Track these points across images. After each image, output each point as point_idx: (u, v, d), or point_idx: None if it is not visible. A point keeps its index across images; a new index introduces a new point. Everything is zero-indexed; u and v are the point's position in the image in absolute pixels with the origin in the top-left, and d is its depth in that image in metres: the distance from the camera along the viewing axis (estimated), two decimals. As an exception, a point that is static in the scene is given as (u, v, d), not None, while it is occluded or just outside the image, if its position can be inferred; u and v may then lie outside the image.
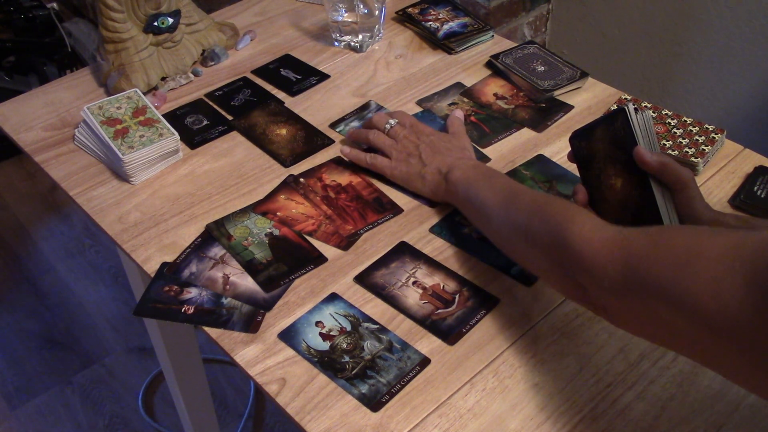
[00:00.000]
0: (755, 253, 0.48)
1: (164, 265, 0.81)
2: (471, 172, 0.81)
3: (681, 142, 0.91)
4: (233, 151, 0.97)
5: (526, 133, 0.98)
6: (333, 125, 1.00)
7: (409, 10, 1.19)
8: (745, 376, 0.52)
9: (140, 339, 1.88)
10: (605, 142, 0.78)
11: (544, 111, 1.01)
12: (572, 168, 0.89)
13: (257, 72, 1.10)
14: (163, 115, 0.96)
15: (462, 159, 0.85)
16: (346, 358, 0.71)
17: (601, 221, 0.64)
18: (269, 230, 0.85)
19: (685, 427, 0.66)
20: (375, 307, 0.76)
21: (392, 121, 0.91)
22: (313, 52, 1.14)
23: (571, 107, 1.02)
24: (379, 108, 1.02)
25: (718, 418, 0.67)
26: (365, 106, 1.03)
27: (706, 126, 0.93)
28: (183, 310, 0.77)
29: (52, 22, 2.45)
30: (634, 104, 0.97)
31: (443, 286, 0.78)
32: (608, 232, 0.61)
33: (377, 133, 0.91)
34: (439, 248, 0.83)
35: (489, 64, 1.10)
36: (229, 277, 0.80)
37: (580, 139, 0.81)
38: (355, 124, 1.00)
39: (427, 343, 0.73)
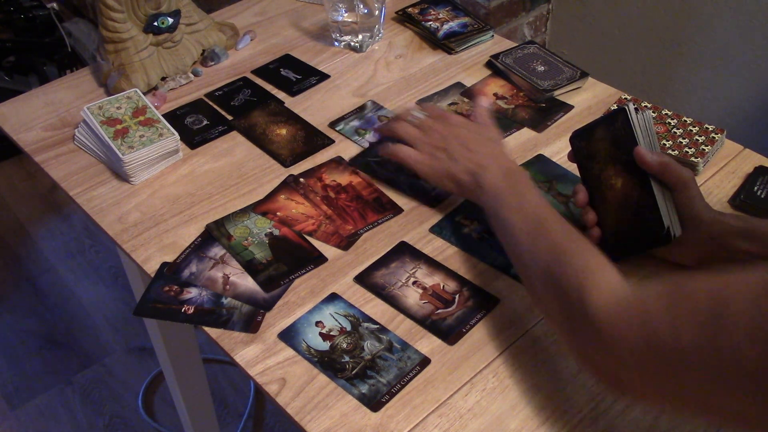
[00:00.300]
0: None
1: (164, 265, 0.81)
2: (502, 183, 0.76)
3: (681, 142, 0.91)
4: (233, 151, 0.97)
5: (526, 133, 0.98)
6: (332, 124, 1.00)
7: (409, 10, 1.19)
8: None
9: (140, 339, 1.88)
10: (606, 142, 0.78)
11: (544, 111, 1.01)
12: (572, 168, 0.89)
13: (257, 72, 1.10)
14: (163, 115, 0.96)
15: (493, 157, 0.80)
16: (346, 358, 0.71)
17: (618, 282, 0.61)
18: (269, 230, 0.85)
19: (685, 427, 0.66)
20: (375, 307, 0.76)
21: (419, 114, 0.87)
22: (313, 52, 1.14)
23: (571, 107, 1.02)
24: (378, 108, 1.02)
25: (718, 418, 0.66)
26: (364, 107, 1.03)
27: (706, 126, 0.93)
28: (183, 310, 0.77)
29: (52, 22, 2.45)
30: (634, 104, 0.97)
31: (443, 286, 0.78)
32: (624, 298, 0.58)
33: (403, 123, 0.87)
34: (439, 248, 0.83)
35: (489, 64, 1.10)
36: (229, 277, 0.80)
37: (580, 139, 0.81)
38: (355, 123, 1.00)
39: (427, 343, 0.73)
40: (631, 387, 0.58)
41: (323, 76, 1.09)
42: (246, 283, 0.79)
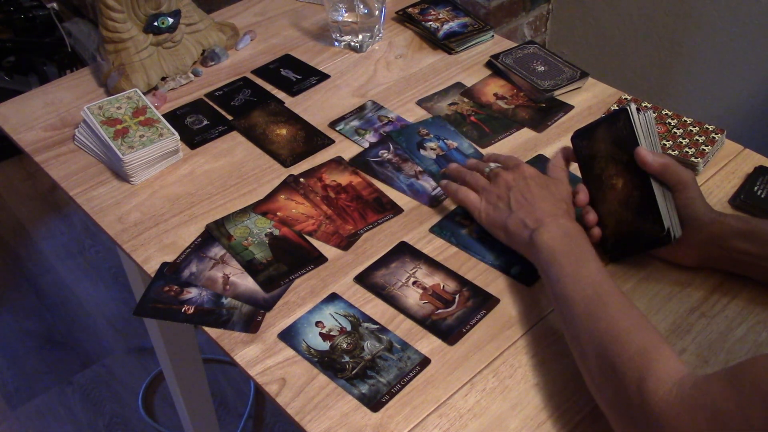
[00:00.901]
0: None
1: (164, 265, 0.81)
2: (558, 243, 0.72)
3: (681, 142, 0.91)
4: (233, 151, 0.97)
5: (526, 133, 0.98)
6: (333, 124, 1.00)
7: (409, 10, 1.19)
8: None
9: (140, 339, 1.88)
10: (607, 142, 0.78)
11: (544, 111, 1.01)
12: (573, 168, 0.89)
13: (257, 72, 1.10)
14: (163, 115, 0.96)
15: (554, 216, 0.75)
16: (346, 358, 0.71)
17: (678, 371, 0.58)
18: (269, 230, 0.85)
19: (686, 427, 0.66)
20: (375, 307, 0.76)
21: (494, 165, 0.84)
22: (313, 52, 1.14)
23: (571, 107, 1.02)
24: (378, 108, 1.02)
25: (719, 418, 0.66)
26: (364, 107, 1.03)
27: (706, 126, 0.93)
28: (183, 310, 0.77)
29: (52, 22, 2.45)
30: (635, 104, 0.97)
31: (443, 286, 0.78)
32: (687, 389, 0.55)
33: (474, 175, 0.84)
34: (439, 248, 0.83)
35: (489, 64, 1.10)
36: (229, 277, 0.80)
37: (581, 139, 0.81)
38: (355, 123, 1.00)
39: (427, 343, 0.73)
40: None
41: (323, 76, 1.09)
42: (246, 283, 0.79)
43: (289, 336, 0.74)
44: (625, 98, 1.01)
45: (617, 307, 0.65)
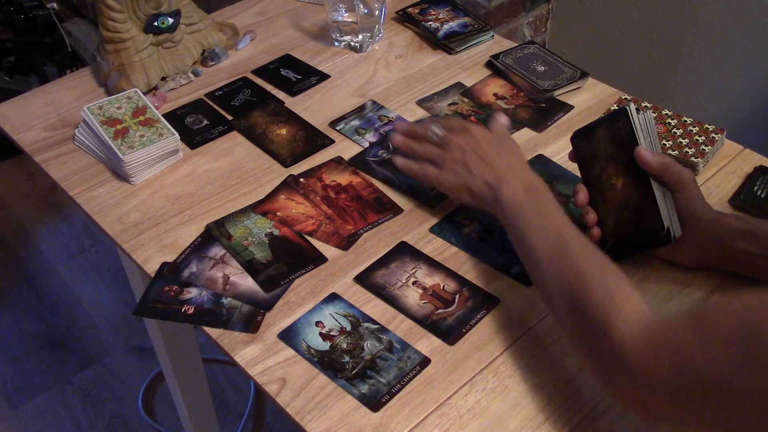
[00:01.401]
0: None
1: (164, 265, 0.81)
2: (521, 197, 0.74)
3: (681, 142, 0.91)
4: (233, 151, 0.97)
5: (526, 133, 0.98)
6: (333, 124, 1.00)
7: (409, 10, 1.19)
8: None
9: (140, 339, 1.88)
10: (607, 142, 0.78)
11: (544, 111, 1.01)
12: (573, 168, 0.89)
13: (257, 72, 1.10)
14: (163, 115, 0.96)
15: (513, 169, 0.78)
16: (346, 358, 0.71)
17: (643, 311, 0.60)
18: (269, 230, 0.85)
19: (685, 428, 0.66)
20: (375, 307, 0.76)
21: (438, 130, 0.84)
22: (313, 52, 1.14)
23: (571, 107, 1.02)
24: (378, 107, 1.02)
25: (719, 418, 0.66)
26: (364, 107, 1.03)
27: (706, 126, 0.93)
28: (183, 310, 0.77)
29: (52, 22, 2.45)
30: (635, 104, 0.97)
31: (443, 286, 0.78)
32: (652, 328, 0.57)
33: (424, 145, 0.85)
34: (439, 248, 0.83)
35: (489, 64, 1.10)
36: (229, 277, 0.80)
37: (581, 139, 0.81)
38: (356, 123, 1.00)
39: (427, 343, 0.73)
40: (663, 414, 0.58)
41: (323, 76, 1.09)
42: (246, 283, 0.79)
43: (289, 336, 0.74)
44: (625, 98, 1.01)
45: (581, 253, 0.67)
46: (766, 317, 0.49)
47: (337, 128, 0.99)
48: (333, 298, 0.77)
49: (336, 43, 1.15)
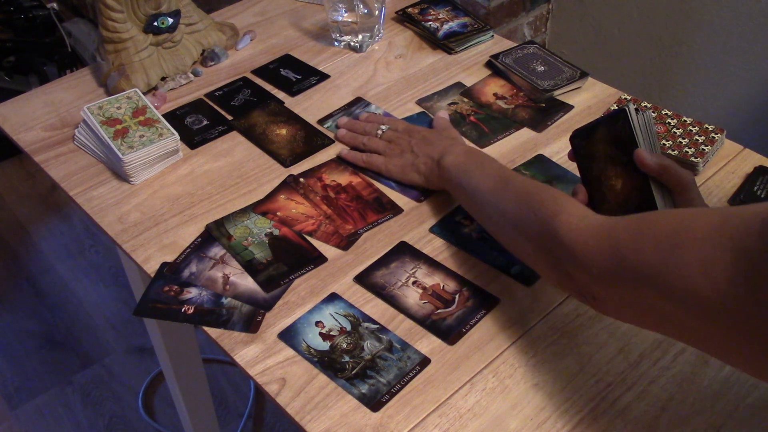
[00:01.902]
0: (742, 227, 0.48)
1: (164, 265, 0.81)
2: (463, 158, 0.82)
3: (681, 142, 0.91)
4: (233, 151, 0.97)
5: (525, 133, 0.98)
6: (321, 121, 1.00)
7: (409, 10, 1.19)
8: (740, 355, 0.52)
9: (140, 339, 1.88)
10: (606, 143, 0.78)
11: (543, 111, 1.01)
12: (572, 168, 0.89)
13: (257, 72, 1.10)
14: (163, 115, 0.96)
15: (453, 144, 0.86)
16: (346, 358, 0.71)
17: (588, 211, 0.65)
18: (269, 230, 0.85)
19: (685, 427, 0.66)
20: (375, 307, 0.76)
21: (383, 127, 0.93)
22: (313, 52, 1.14)
23: (571, 107, 1.02)
24: (365, 104, 1.02)
25: (718, 418, 0.67)
26: (352, 104, 1.03)
27: (706, 126, 0.93)
28: (183, 310, 0.77)
29: (52, 22, 2.45)
30: (634, 104, 0.97)
31: (443, 286, 0.78)
32: (595, 222, 0.62)
33: (371, 138, 0.93)
34: (439, 248, 0.83)
35: (489, 64, 1.10)
36: (229, 277, 0.80)
37: (580, 139, 0.81)
38: (342, 119, 1.00)
39: (427, 343, 0.73)
40: (607, 305, 0.62)
41: (323, 76, 1.09)
42: (246, 283, 0.79)
43: (289, 336, 0.74)
44: (625, 98, 1.01)
45: (523, 182, 0.74)
46: (694, 225, 0.52)
47: (325, 125, 1.00)
48: (333, 298, 0.77)
49: (336, 43, 1.15)
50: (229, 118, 1.02)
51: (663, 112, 0.96)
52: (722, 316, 0.49)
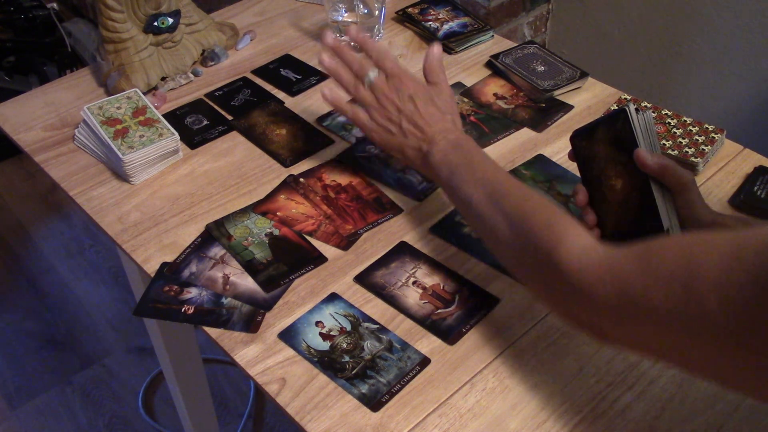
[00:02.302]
0: (759, 252, 0.47)
1: (164, 265, 0.81)
2: (452, 156, 0.77)
3: (681, 142, 0.91)
4: (233, 151, 0.97)
5: (525, 133, 0.98)
6: (320, 120, 1.00)
7: (409, 10, 1.19)
8: (747, 381, 0.51)
9: (140, 339, 1.88)
10: (606, 143, 0.78)
11: (544, 111, 1.01)
12: (572, 168, 0.89)
13: (257, 72, 1.10)
14: (163, 115, 0.96)
15: (443, 131, 0.80)
16: (346, 358, 0.71)
17: (589, 239, 0.62)
18: (269, 230, 0.85)
19: (685, 427, 0.66)
20: (375, 307, 0.76)
21: (372, 75, 0.85)
22: (313, 52, 1.14)
23: (571, 107, 1.02)
24: None
25: (718, 418, 0.67)
26: (352, 101, 1.03)
27: (706, 126, 0.93)
28: (183, 310, 0.77)
29: (52, 22, 2.45)
30: (634, 104, 0.97)
31: (443, 286, 0.78)
32: (598, 256, 0.59)
33: (358, 86, 0.85)
34: (439, 248, 0.83)
35: (489, 64, 1.10)
36: (229, 277, 0.80)
37: (581, 139, 0.81)
38: (342, 118, 1.00)
39: (427, 343, 0.73)
40: (611, 336, 0.60)
41: (323, 76, 1.09)
42: (246, 283, 0.79)
43: (289, 336, 0.74)
44: (625, 98, 1.01)
45: (518, 193, 0.70)
46: (705, 254, 0.50)
47: (324, 124, 1.00)
48: (333, 298, 0.77)
49: (336, 43, 1.15)
50: (229, 118, 1.02)
51: (663, 112, 0.96)
52: (735, 341, 0.48)
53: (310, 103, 1.04)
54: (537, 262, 0.64)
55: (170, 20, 1.04)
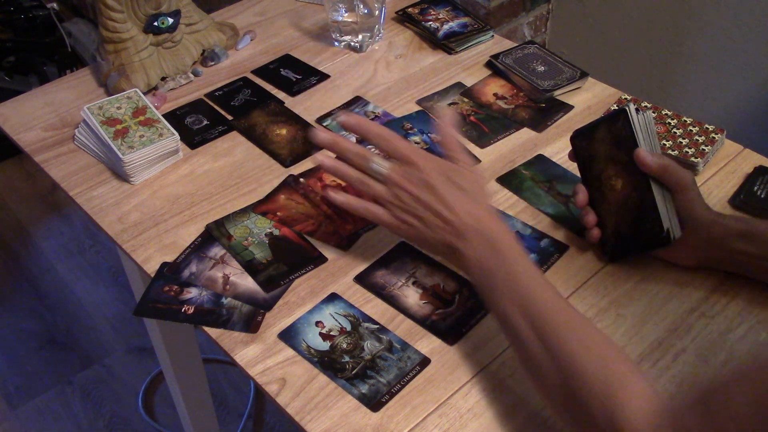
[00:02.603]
0: None
1: (164, 265, 0.81)
2: (486, 258, 0.66)
3: (681, 142, 0.91)
4: (233, 151, 0.97)
5: (526, 133, 0.98)
6: (320, 120, 1.00)
7: (409, 10, 1.19)
8: None
9: (140, 339, 1.88)
10: (606, 143, 0.78)
11: (544, 111, 1.01)
12: (572, 168, 0.89)
13: (257, 72, 1.10)
14: (163, 115, 0.96)
15: (473, 223, 0.68)
16: (346, 358, 0.71)
17: (646, 394, 0.55)
18: (269, 230, 0.85)
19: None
20: (375, 307, 0.76)
21: (378, 165, 0.72)
22: (313, 52, 1.14)
23: (571, 107, 1.02)
24: (364, 103, 1.02)
25: (718, 418, 0.66)
26: (351, 102, 1.03)
27: (706, 126, 0.93)
28: (183, 310, 0.77)
29: (52, 22, 2.45)
30: (635, 104, 0.97)
31: (443, 286, 0.78)
32: (657, 415, 0.53)
33: (367, 181, 0.73)
34: (439, 248, 0.83)
35: (489, 64, 1.10)
36: (229, 277, 0.80)
37: (581, 139, 0.81)
38: (341, 118, 1.00)
39: (427, 343, 0.73)
40: None
41: (323, 76, 1.09)
42: (246, 283, 0.79)
43: (289, 336, 0.74)
44: (625, 98, 1.01)
45: (564, 320, 0.61)
46: None
47: (324, 124, 1.00)
48: (333, 298, 0.77)
49: (336, 43, 1.15)
50: (229, 118, 1.02)
51: (663, 112, 0.96)
52: None
53: (310, 103, 1.04)
54: (591, 421, 0.56)
55: (170, 20, 1.04)
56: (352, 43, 1.14)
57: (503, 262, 0.66)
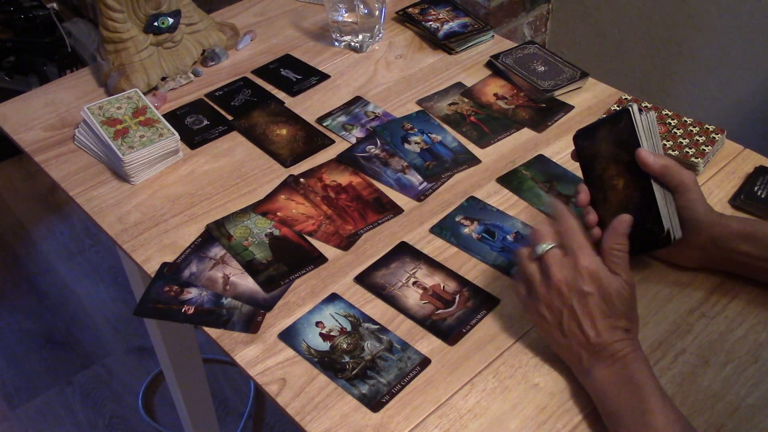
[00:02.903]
0: None
1: (164, 265, 0.81)
2: (618, 392, 0.63)
3: (681, 143, 0.91)
4: (233, 151, 0.97)
5: (526, 133, 0.98)
6: (320, 120, 1.00)
7: (409, 10, 1.19)
8: None
9: (140, 339, 1.88)
10: (608, 142, 0.78)
11: (544, 111, 1.01)
12: (572, 168, 0.89)
13: (257, 72, 1.10)
14: (163, 115, 0.96)
15: (612, 346, 0.65)
16: (347, 359, 0.71)
17: None
18: (269, 230, 0.85)
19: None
20: (375, 308, 0.76)
21: (543, 247, 0.69)
22: (313, 52, 1.14)
23: (571, 107, 1.02)
24: (365, 103, 1.02)
25: (718, 418, 0.66)
26: (351, 102, 1.03)
27: (707, 126, 0.93)
28: (183, 310, 0.77)
29: (52, 22, 2.45)
30: (637, 105, 0.97)
31: (443, 286, 0.78)
32: None
33: (526, 262, 0.70)
34: (439, 248, 0.83)
35: (489, 64, 1.10)
36: (229, 277, 0.80)
37: (583, 138, 0.81)
38: (342, 119, 1.00)
39: (427, 344, 0.73)
40: None
41: (323, 76, 1.09)
42: (246, 283, 0.79)
43: (289, 336, 0.74)
44: (625, 98, 1.01)
45: None
46: None
47: (324, 124, 1.00)
48: (333, 298, 0.77)
49: (336, 43, 1.15)
50: (230, 118, 1.02)
51: (663, 113, 0.96)
52: None
53: (310, 103, 1.04)
54: None
55: (170, 20, 1.04)
56: (353, 43, 1.14)
57: (635, 398, 0.63)
